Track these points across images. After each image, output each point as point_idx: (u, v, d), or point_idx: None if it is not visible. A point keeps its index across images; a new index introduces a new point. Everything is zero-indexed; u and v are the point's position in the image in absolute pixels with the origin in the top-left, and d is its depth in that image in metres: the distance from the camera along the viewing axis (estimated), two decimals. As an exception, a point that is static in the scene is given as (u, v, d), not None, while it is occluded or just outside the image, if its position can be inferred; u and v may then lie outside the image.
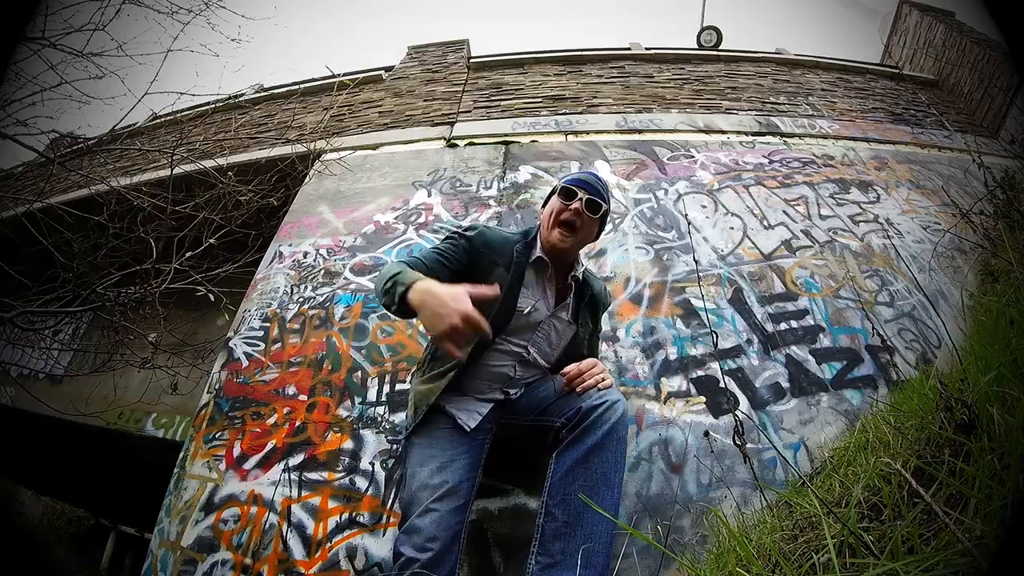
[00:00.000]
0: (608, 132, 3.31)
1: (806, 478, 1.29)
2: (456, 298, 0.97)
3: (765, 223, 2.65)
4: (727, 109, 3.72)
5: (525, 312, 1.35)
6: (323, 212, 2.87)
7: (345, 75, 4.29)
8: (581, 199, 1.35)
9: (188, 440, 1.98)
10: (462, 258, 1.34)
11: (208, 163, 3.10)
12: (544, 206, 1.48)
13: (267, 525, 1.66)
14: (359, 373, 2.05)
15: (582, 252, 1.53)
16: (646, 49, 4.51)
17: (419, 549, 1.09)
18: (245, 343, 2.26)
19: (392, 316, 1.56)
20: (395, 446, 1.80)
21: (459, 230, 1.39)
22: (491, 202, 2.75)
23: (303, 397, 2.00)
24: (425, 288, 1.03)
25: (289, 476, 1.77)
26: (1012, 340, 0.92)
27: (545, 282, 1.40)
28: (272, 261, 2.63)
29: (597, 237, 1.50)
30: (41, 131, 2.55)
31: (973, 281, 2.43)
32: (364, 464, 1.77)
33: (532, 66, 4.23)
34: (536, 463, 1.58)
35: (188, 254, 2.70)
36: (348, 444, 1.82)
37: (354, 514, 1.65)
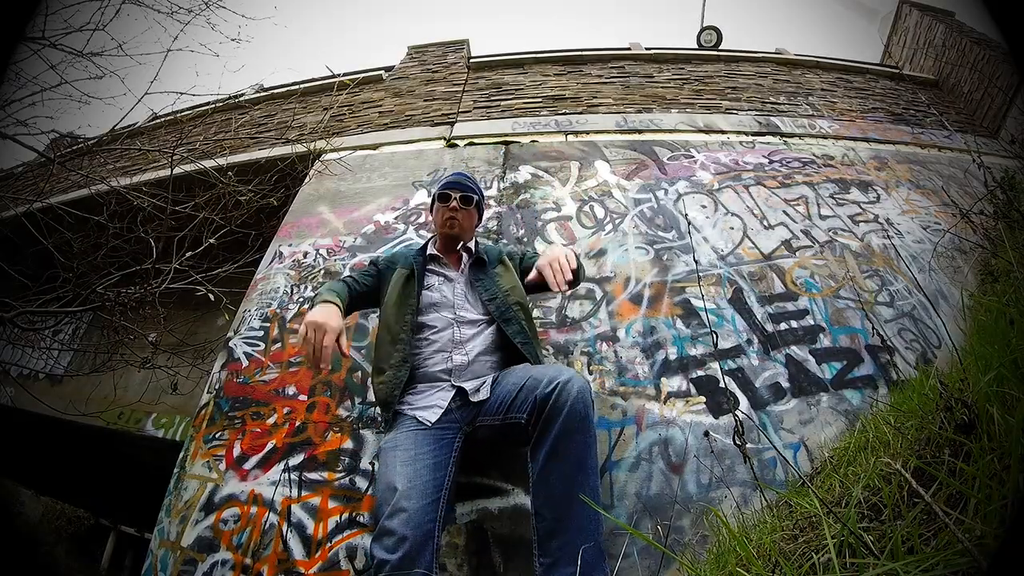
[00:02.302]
0: (608, 132, 3.31)
1: (806, 478, 1.29)
2: (323, 316, 1.32)
3: (765, 223, 2.65)
4: (727, 109, 3.72)
5: (435, 286, 1.62)
6: (323, 212, 2.87)
7: (345, 75, 4.29)
8: (456, 198, 1.71)
9: (188, 440, 1.98)
10: (372, 277, 1.72)
11: (208, 163, 3.10)
12: (431, 212, 1.81)
13: (267, 525, 1.66)
14: (359, 373, 2.05)
15: (478, 237, 1.91)
16: (646, 49, 4.51)
17: (389, 550, 1.09)
18: (245, 343, 2.26)
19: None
20: (395, 446, 1.80)
21: (372, 258, 1.82)
22: (491, 202, 2.75)
23: (303, 397, 2.00)
24: (315, 307, 1.39)
25: (289, 476, 1.77)
26: (1012, 340, 0.92)
27: (444, 268, 1.70)
28: (272, 261, 2.63)
29: (481, 219, 1.89)
30: (41, 131, 2.55)
31: (973, 281, 2.43)
32: (364, 464, 1.77)
33: (532, 66, 4.23)
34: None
35: (188, 254, 2.70)
36: (348, 444, 1.83)
37: (354, 514, 1.65)
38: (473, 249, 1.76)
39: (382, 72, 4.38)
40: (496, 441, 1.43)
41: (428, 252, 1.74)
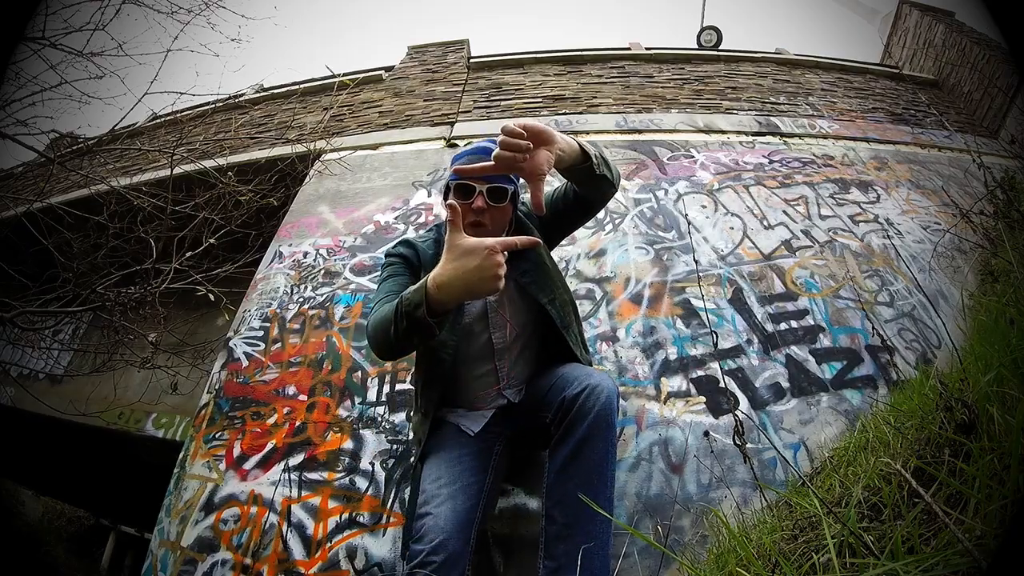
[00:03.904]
0: (608, 132, 3.31)
1: (806, 478, 1.29)
2: (473, 249, 0.90)
3: (765, 223, 2.65)
4: (727, 109, 3.72)
5: (465, 312, 1.30)
6: (323, 212, 2.87)
7: (345, 75, 4.29)
8: (481, 192, 1.21)
9: (188, 440, 1.98)
10: (409, 270, 1.32)
11: (208, 163, 3.10)
12: (444, 199, 1.28)
13: (267, 525, 1.66)
14: (359, 373, 2.05)
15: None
16: (646, 49, 4.51)
17: (429, 553, 1.07)
18: (245, 343, 2.26)
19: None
20: (395, 446, 1.80)
21: (391, 252, 1.36)
22: (491, 202, 2.75)
23: (303, 397, 2.00)
24: (438, 275, 0.94)
25: (289, 476, 1.77)
26: (1012, 340, 0.92)
27: None
28: (272, 261, 2.63)
29: (516, 210, 1.36)
30: (41, 131, 2.56)
31: (973, 281, 2.43)
32: (364, 464, 1.77)
33: (532, 66, 4.23)
34: (533, 461, 1.58)
35: (188, 254, 2.70)
36: (348, 444, 1.83)
37: (354, 514, 1.65)
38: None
39: (382, 72, 4.38)
40: (521, 443, 1.39)
41: None
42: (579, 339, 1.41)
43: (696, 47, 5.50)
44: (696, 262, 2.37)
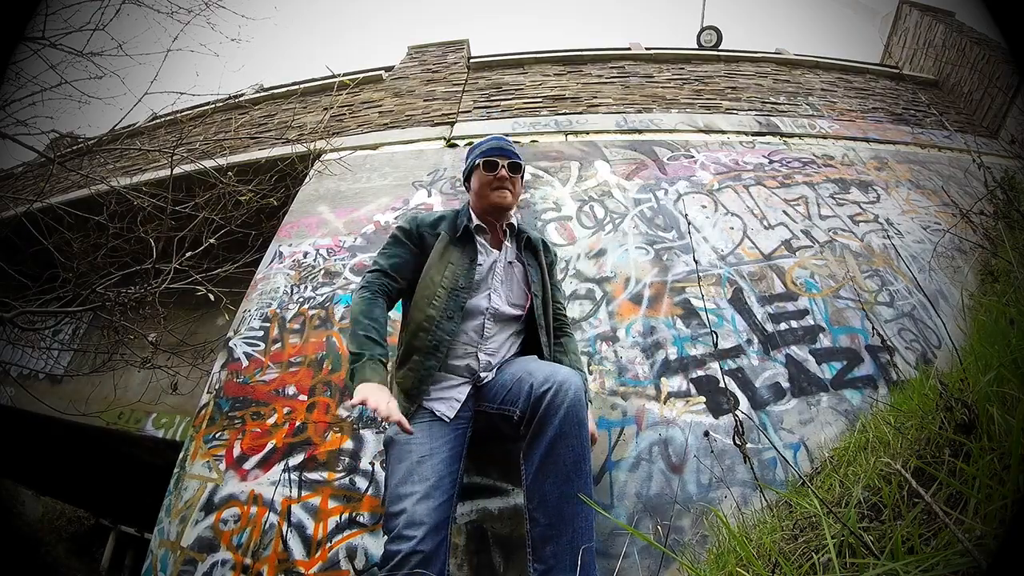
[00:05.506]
0: (608, 132, 3.31)
1: (806, 478, 1.29)
2: (381, 399, 1.19)
3: (765, 223, 2.65)
4: (727, 109, 3.72)
5: (478, 263, 1.48)
6: (323, 212, 2.87)
7: (345, 75, 4.29)
8: (504, 165, 1.52)
9: (188, 440, 1.98)
10: (412, 248, 1.52)
11: (208, 163, 3.10)
12: (466, 181, 1.62)
13: (267, 525, 1.66)
14: (359, 373, 2.04)
15: (515, 210, 1.74)
16: (646, 49, 4.51)
17: (411, 551, 1.07)
18: (245, 343, 2.26)
19: (390, 316, 1.62)
20: (395, 446, 1.80)
21: (396, 227, 1.58)
22: (491, 202, 2.74)
23: (303, 397, 2.00)
24: (361, 389, 1.23)
25: (289, 476, 1.77)
26: (1012, 340, 0.92)
27: (484, 242, 1.55)
28: (272, 261, 2.63)
29: (522, 188, 1.70)
30: (41, 131, 2.56)
31: (973, 281, 2.43)
32: (364, 464, 1.77)
33: (532, 66, 4.23)
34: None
35: (188, 254, 2.70)
36: (348, 444, 1.83)
37: (354, 514, 1.65)
38: (516, 227, 1.61)
39: (382, 72, 4.38)
40: (490, 431, 1.40)
41: (474, 222, 1.54)
42: (549, 341, 1.50)
43: (696, 47, 5.50)
44: (696, 262, 2.37)
